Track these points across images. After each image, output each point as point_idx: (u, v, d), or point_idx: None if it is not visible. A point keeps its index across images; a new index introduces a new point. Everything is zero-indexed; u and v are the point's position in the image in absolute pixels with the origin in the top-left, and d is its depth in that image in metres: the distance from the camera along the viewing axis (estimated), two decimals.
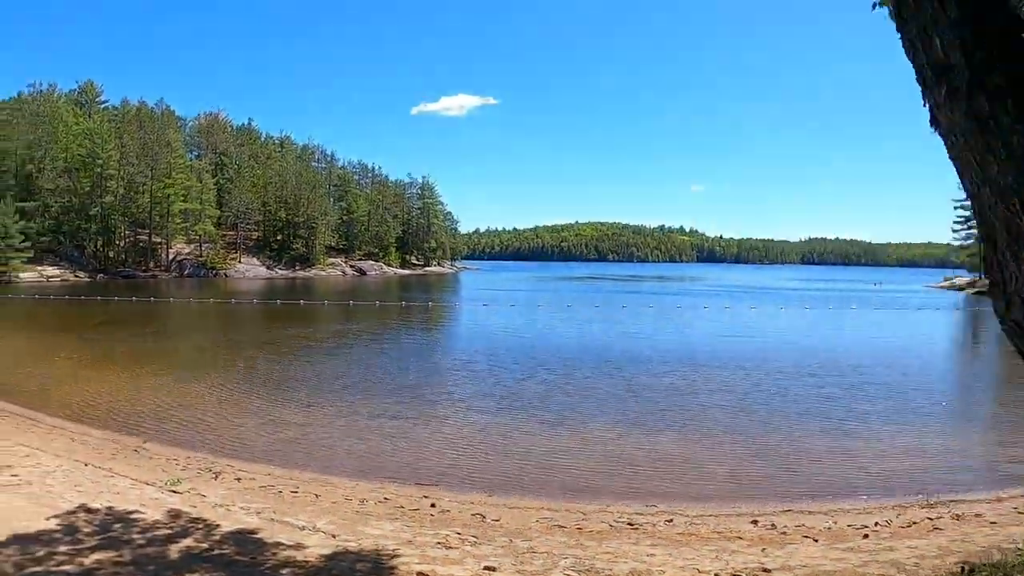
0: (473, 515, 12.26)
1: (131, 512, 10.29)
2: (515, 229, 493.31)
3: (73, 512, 10.12)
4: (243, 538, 9.46)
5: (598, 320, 53.72)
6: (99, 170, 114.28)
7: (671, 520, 12.36)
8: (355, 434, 18.91)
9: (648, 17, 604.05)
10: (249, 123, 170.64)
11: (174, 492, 12.10)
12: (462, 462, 16.43)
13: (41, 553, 8.26)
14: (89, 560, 8.12)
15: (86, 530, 9.34)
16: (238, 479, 13.88)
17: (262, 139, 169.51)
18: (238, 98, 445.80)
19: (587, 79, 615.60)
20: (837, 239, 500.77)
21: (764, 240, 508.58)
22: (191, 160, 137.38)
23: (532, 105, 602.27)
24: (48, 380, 26.05)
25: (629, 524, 12.10)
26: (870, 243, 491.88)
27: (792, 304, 76.25)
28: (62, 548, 8.50)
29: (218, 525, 9.94)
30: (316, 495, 12.96)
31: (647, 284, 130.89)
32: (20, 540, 8.67)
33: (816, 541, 10.88)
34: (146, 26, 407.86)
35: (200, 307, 64.48)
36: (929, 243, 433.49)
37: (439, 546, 9.98)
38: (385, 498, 13.15)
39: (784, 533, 11.48)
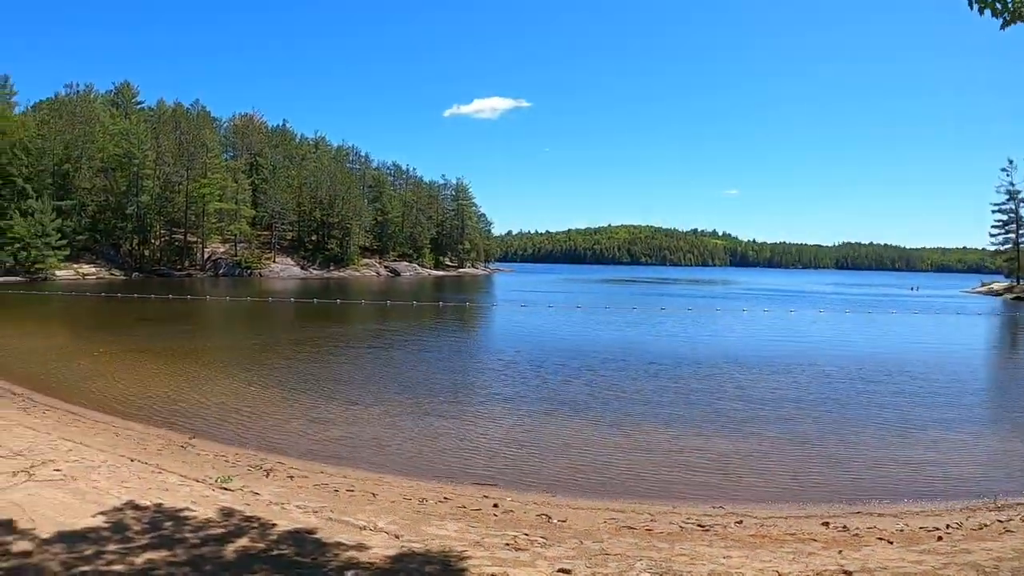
0: (538, 516, 11.70)
1: (181, 510, 9.83)
2: (548, 232, 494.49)
3: (121, 509, 9.69)
4: (302, 538, 8.96)
5: (638, 322, 52.90)
6: (135, 169, 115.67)
7: (741, 521, 11.92)
8: (404, 432, 18.33)
9: (681, 20, 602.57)
10: (284, 124, 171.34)
11: (225, 489, 11.57)
12: (517, 462, 15.85)
13: (89, 552, 7.82)
14: (140, 560, 7.66)
15: (136, 528, 8.88)
16: (290, 477, 13.34)
17: (297, 140, 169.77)
18: (272, 100, 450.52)
19: (621, 82, 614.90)
20: (871, 244, 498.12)
21: (798, 244, 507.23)
22: (226, 160, 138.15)
23: (565, 107, 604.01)
24: (89, 375, 25.67)
25: (699, 525, 11.62)
26: (905, 248, 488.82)
27: (831, 307, 75.35)
28: (111, 547, 8.06)
29: (274, 524, 9.44)
30: (373, 494, 12.40)
31: (682, 287, 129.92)
32: (66, 538, 8.25)
33: (891, 543, 10.48)
34: (182, 28, 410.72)
35: (237, 305, 64.33)
36: (964, 248, 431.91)
37: (508, 548, 9.48)
38: (445, 497, 12.58)
39: (857, 535, 11.07)
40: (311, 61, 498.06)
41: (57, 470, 11.74)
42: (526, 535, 10.21)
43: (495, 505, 12.22)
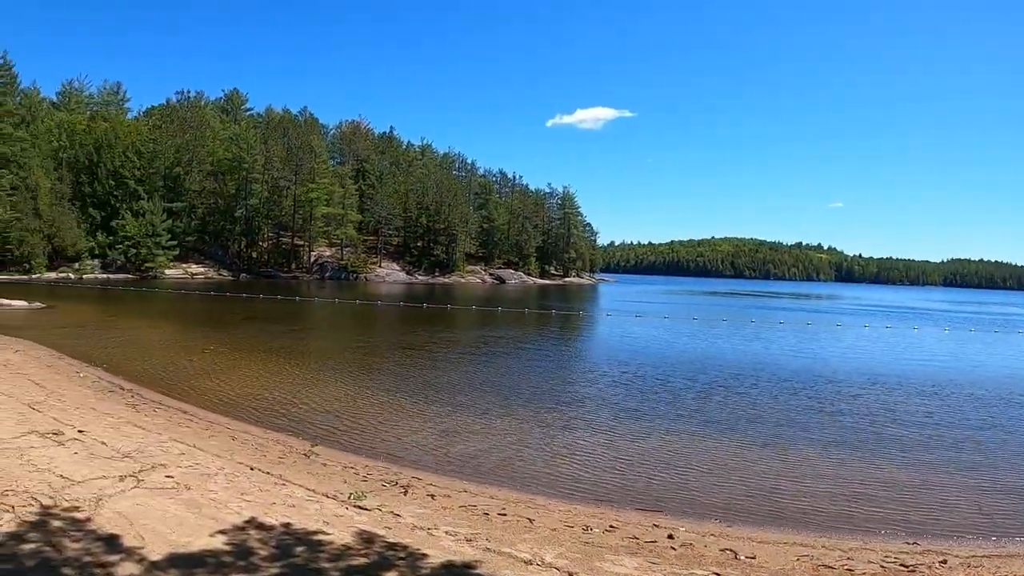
0: (722, 551, 10.01)
1: (314, 532, 8.39)
2: (650, 243, 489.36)
3: (242, 528, 8.31)
4: (460, 573, 7.44)
5: (759, 336, 50.44)
6: (244, 173, 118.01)
7: (945, 561, 10.43)
8: (544, 447, 16.73)
9: (784, 30, 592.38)
10: (390, 131, 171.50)
11: (361, 508, 10.02)
12: (676, 485, 14.14)
13: None
14: None
15: (262, 552, 7.44)
16: (431, 495, 11.73)
17: (403, 147, 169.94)
18: (378, 108, 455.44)
19: (723, 91, 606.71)
20: (981, 260, 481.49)
21: (904, 260, 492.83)
22: (333, 166, 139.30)
23: (669, 118, 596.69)
24: (199, 372, 24.75)
25: (903, 566, 10.12)
26: (1017, 265, 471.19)
27: (954, 326, 71.86)
28: None
29: (424, 555, 7.91)
30: (529, 519, 10.74)
31: (794, 301, 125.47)
32: (180, 561, 6.95)
33: None
34: (290, 39, 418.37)
35: (346, 308, 63.56)
36: None
37: None
38: (611, 526, 10.86)
39: None
40: (416, 71, 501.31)
41: (169, 476, 10.43)
42: (717, 575, 8.50)
43: (670, 536, 10.49)
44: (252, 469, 11.75)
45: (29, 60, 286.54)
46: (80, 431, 13.15)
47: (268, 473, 11.64)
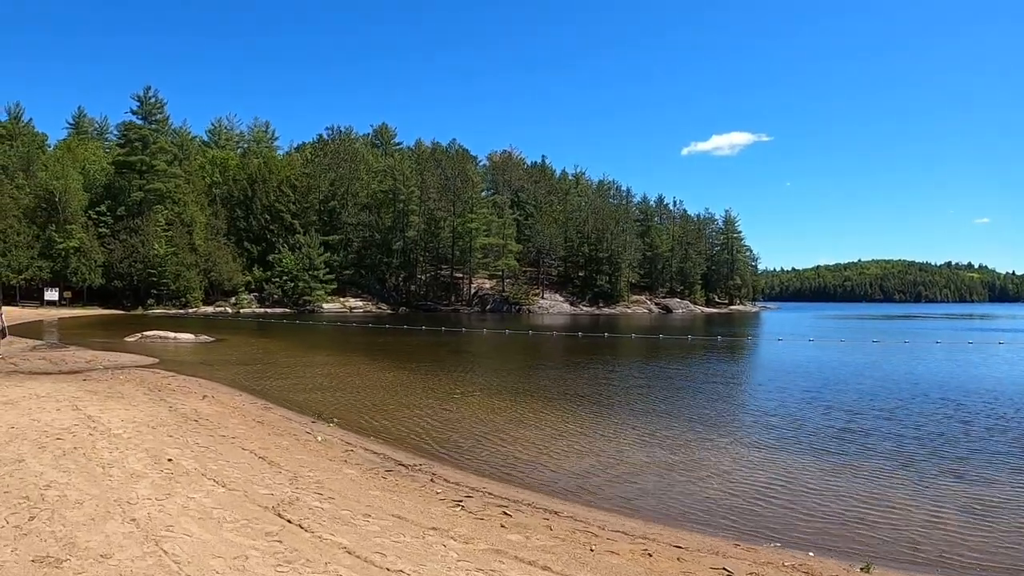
0: None
1: None
2: (793, 269, 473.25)
3: None
4: None
5: (955, 359, 41.73)
6: (400, 206, 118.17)
7: None
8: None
9: (923, 45, 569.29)
10: (543, 160, 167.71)
11: None
12: None
13: None
14: None
15: None
16: None
17: (556, 176, 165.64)
18: (523, 140, 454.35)
19: (862, 107, 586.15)
20: None
21: None
22: (488, 196, 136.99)
23: (808, 140, 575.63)
24: (484, 431, 17.81)
25: None
26: None
27: None
28: None
29: None
30: None
31: (975, 322, 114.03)
32: None
33: None
34: (429, 71, 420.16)
35: (542, 339, 57.56)
36: None
37: None
38: None
39: None
40: (562, 103, 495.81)
41: None
42: None
43: None
44: None
45: (178, 100, 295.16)
46: None
47: None
